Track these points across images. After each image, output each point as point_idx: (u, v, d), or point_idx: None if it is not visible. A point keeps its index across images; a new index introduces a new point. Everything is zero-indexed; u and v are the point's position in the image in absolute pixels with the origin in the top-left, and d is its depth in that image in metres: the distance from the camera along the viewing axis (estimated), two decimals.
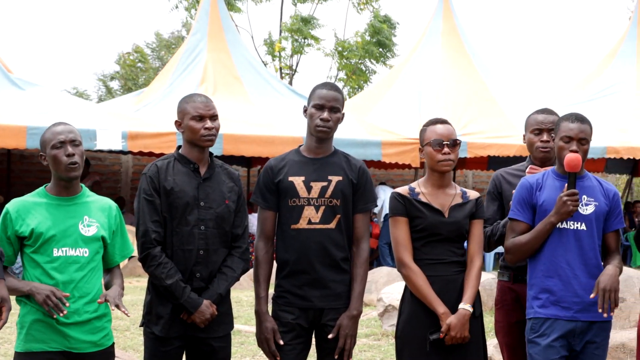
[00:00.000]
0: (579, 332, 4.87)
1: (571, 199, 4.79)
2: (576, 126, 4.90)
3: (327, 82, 5.21)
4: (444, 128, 5.04)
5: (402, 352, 4.99)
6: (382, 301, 10.55)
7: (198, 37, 17.66)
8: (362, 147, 15.45)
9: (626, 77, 19.61)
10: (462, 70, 18.73)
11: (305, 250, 5.01)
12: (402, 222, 4.99)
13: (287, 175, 5.05)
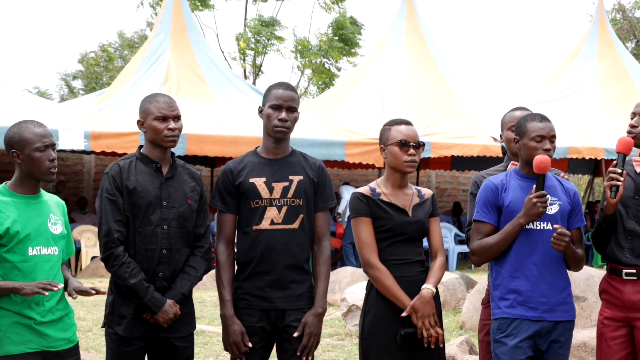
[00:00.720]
0: (545, 332, 4.89)
1: (541, 201, 4.80)
2: (546, 125, 4.93)
3: (282, 82, 5.20)
4: (409, 129, 5.05)
5: (368, 352, 4.96)
6: (346, 301, 10.56)
7: (161, 36, 17.58)
8: (326, 147, 15.47)
9: (588, 78, 19.78)
10: (425, 71, 18.80)
11: (268, 251, 5.00)
12: (366, 223, 4.98)
13: (248, 177, 5.05)
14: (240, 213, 5.09)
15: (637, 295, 5.05)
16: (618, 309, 5.13)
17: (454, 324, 10.89)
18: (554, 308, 4.89)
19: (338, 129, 16.43)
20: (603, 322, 5.19)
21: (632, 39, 38.78)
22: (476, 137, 16.73)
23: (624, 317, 5.11)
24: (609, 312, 5.17)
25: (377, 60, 19.53)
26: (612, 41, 20.72)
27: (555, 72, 21.12)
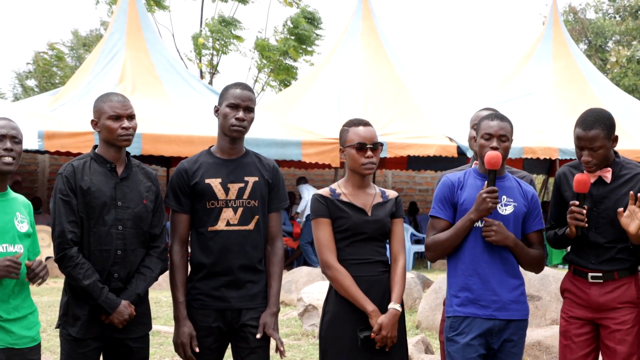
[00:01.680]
0: (497, 331, 4.92)
1: (490, 196, 4.83)
2: (496, 123, 4.96)
3: (239, 82, 5.21)
4: (367, 131, 5.04)
5: (326, 352, 4.97)
6: (302, 301, 10.56)
7: (116, 36, 17.47)
8: (282, 147, 15.46)
9: (542, 79, 19.94)
10: (381, 71, 18.85)
11: (223, 252, 5.01)
12: (325, 224, 4.98)
13: (203, 177, 5.04)
14: (194, 213, 5.08)
15: (604, 297, 5.10)
16: (583, 309, 5.17)
17: (410, 324, 10.93)
18: (506, 307, 4.92)
19: (294, 129, 16.42)
20: (568, 320, 5.23)
21: (583, 40, 39.17)
22: (432, 137, 16.80)
23: (590, 317, 5.16)
24: (574, 312, 5.21)
25: (333, 60, 19.55)
26: (566, 42, 20.90)
27: (511, 73, 21.27)
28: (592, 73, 20.66)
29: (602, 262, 5.12)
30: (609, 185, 5.13)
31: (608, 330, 5.10)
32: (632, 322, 5.08)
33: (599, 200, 5.11)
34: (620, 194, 5.07)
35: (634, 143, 18.07)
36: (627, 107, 19.86)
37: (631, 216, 4.93)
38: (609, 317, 5.09)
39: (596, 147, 4.99)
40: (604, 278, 5.11)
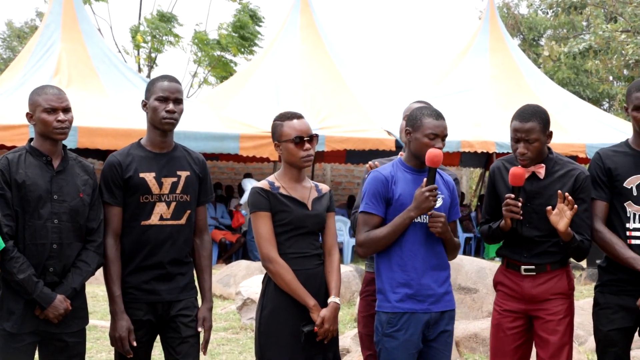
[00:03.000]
0: (433, 323, 4.97)
1: (432, 194, 4.85)
2: (440, 123, 4.96)
3: (166, 74, 5.22)
4: (302, 123, 5.06)
5: (265, 346, 4.97)
6: (241, 294, 10.56)
7: (52, 27, 17.23)
8: (220, 140, 15.39)
9: (479, 73, 20.10)
10: (320, 65, 18.86)
11: (155, 246, 5.02)
12: (266, 217, 4.97)
13: (137, 171, 5.03)
14: (126, 207, 5.06)
15: (536, 289, 5.20)
16: (517, 302, 5.26)
17: (348, 317, 10.97)
18: (439, 299, 4.98)
19: (232, 122, 16.36)
20: (501, 312, 5.31)
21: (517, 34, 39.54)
22: (370, 130, 16.85)
23: (524, 309, 5.25)
24: (507, 304, 5.29)
25: (272, 54, 19.52)
26: (503, 36, 21.08)
27: (448, 67, 21.41)
28: (527, 67, 20.87)
29: (535, 255, 5.22)
30: (542, 181, 5.22)
31: (541, 321, 5.20)
32: (564, 312, 5.20)
33: (533, 195, 5.20)
34: (554, 190, 5.15)
35: (568, 137, 18.29)
36: (561, 100, 20.11)
37: (560, 214, 5.04)
38: (541, 309, 5.19)
39: (532, 140, 5.09)
40: (536, 270, 5.21)
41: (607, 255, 5.25)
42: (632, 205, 5.17)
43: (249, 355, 8.67)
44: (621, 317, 5.16)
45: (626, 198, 5.18)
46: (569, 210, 5.01)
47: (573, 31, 34.81)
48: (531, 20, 38.82)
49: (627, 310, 5.15)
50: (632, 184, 5.18)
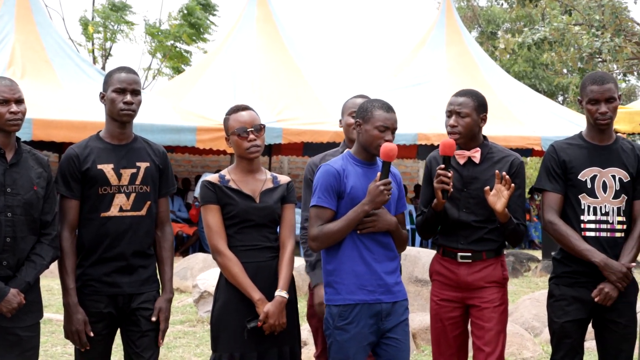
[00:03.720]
0: (385, 314, 4.98)
1: (387, 188, 4.87)
2: (391, 116, 4.97)
3: (124, 66, 5.22)
4: (247, 115, 5.08)
5: (217, 338, 4.99)
6: (198, 287, 10.53)
7: (5, 18, 17.02)
8: (177, 133, 15.30)
9: (436, 65, 20.15)
10: (277, 57, 18.82)
11: (116, 238, 5.01)
12: (214, 210, 5.00)
13: (95, 163, 5.01)
14: (85, 199, 5.03)
15: (472, 276, 5.30)
16: (453, 290, 5.36)
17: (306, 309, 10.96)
18: (390, 289, 4.99)
19: (189, 115, 16.28)
20: (439, 303, 5.40)
21: (475, 27, 39.77)
22: (327, 123, 16.84)
23: (460, 297, 5.35)
24: (444, 294, 5.39)
25: (228, 45, 19.44)
26: (459, 29, 21.16)
27: (405, 60, 21.44)
28: (484, 60, 20.97)
29: (471, 242, 5.31)
30: (478, 166, 5.34)
31: (477, 309, 5.31)
32: (498, 300, 5.32)
33: (469, 181, 5.30)
34: (489, 174, 5.26)
35: (524, 130, 18.41)
36: (517, 93, 20.23)
37: (497, 195, 5.15)
38: (477, 296, 5.30)
39: (463, 114, 5.28)
40: (472, 258, 5.31)
41: (561, 248, 5.30)
42: (586, 198, 5.22)
43: (205, 348, 8.65)
44: (576, 309, 5.22)
45: (580, 190, 5.23)
46: (506, 191, 5.13)
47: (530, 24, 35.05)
48: (489, 12, 39.06)
49: (581, 302, 5.21)
50: (587, 176, 5.23)
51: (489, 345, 5.25)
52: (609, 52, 15.14)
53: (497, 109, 18.58)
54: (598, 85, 5.17)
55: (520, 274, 15.65)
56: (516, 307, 10.41)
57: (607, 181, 5.22)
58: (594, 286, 5.14)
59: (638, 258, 5.27)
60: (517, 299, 11.18)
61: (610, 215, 5.21)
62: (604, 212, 5.21)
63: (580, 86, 5.31)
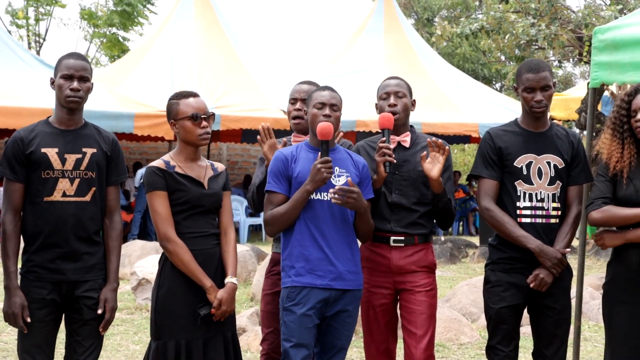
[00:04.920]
0: (333, 301, 5.03)
1: (325, 167, 4.92)
2: (327, 93, 5.12)
3: (74, 52, 5.17)
4: (199, 101, 5.07)
5: (161, 326, 4.96)
6: (136, 275, 10.48)
7: None
8: (114, 119, 15.18)
9: (374, 53, 20.21)
10: (215, 43, 18.73)
11: (59, 223, 4.95)
12: (162, 197, 4.96)
13: (40, 146, 4.96)
14: (29, 183, 4.98)
15: (404, 260, 5.37)
16: (384, 275, 5.41)
17: (244, 296, 10.99)
18: (342, 277, 5.04)
19: (127, 101, 16.16)
20: (370, 290, 5.42)
21: (412, 14, 39.91)
22: (266, 110, 16.84)
23: (391, 282, 5.41)
24: (375, 280, 5.42)
25: (166, 31, 19.31)
26: (397, 17, 21.24)
27: (343, 47, 21.48)
28: (421, 47, 21.08)
29: (404, 226, 5.38)
30: (408, 150, 5.46)
31: (409, 293, 5.38)
32: (429, 285, 5.42)
33: (400, 164, 5.39)
34: (419, 157, 5.36)
35: (462, 116, 18.56)
36: (455, 80, 20.38)
37: (433, 161, 5.26)
38: (408, 281, 5.38)
39: (401, 94, 5.48)
40: (405, 242, 5.38)
41: (497, 234, 5.35)
42: (522, 184, 5.27)
43: (144, 335, 8.61)
44: (511, 294, 5.28)
45: (516, 177, 5.28)
46: (441, 156, 5.25)
47: (466, 11, 35.26)
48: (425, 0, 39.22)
49: (517, 288, 5.27)
50: (522, 163, 5.28)
51: (420, 328, 5.32)
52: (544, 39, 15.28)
53: (435, 96, 18.72)
54: (534, 73, 5.22)
55: (458, 261, 15.82)
56: (454, 293, 10.52)
57: (542, 168, 5.28)
58: (529, 272, 5.20)
59: (572, 244, 5.34)
60: (454, 285, 11.29)
61: (546, 201, 5.27)
62: (540, 198, 5.27)
63: (516, 74, 5.37)
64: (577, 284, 6.72)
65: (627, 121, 5.12)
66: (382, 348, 5.50)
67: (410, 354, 5.33)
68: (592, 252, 14.82)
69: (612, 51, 6.37)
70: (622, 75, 6.34)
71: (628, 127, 5.12)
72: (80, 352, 5.03)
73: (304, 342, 4.97)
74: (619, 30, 6.38)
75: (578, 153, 5.38)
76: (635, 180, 5.09)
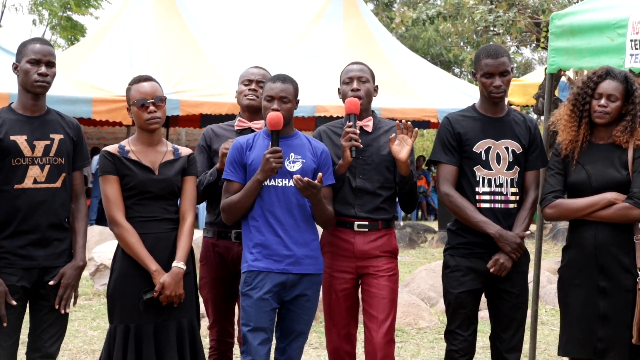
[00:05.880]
0: (290, 285, 5.06)
1: (274, 156, 4.96)
2: (277, 85, 5.12)
3: (38, 37, 5.16)
4: (148, 86, 5.08)
5: (113, 310, 4.99)
6: (94, 260, 10.45)
7: None
8: (72, 104, 15.01)
9: (333, 38, 20.19)
10: (173, 28, 18.62)
11: (31, 210, 4.94)
12: (112, 181, 4.98)
13: (8, 134, 4.93)
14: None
15: (368, 245, 5.39)
16: (347, 260, 5.43)
17: None
18: (299, 261, 5.08)
19: (84, 86, 16.03)
20: (332, 274, 5.44)
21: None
22: (225, 95, 16.75)
23: (354, 267, 5.43)
24: (337, 264, 5.44)
25: (124, 16, 19.15)
26: (357, 2, 21.22)
27: (303, 32, 21.41)
28: (381, 33, 21.08)
29: (368, 211, 5.40)
30: (371, 134, 5.48)
31: (371, 277, 5.42)
32: (392, 270, 5.46)
33: (364, 148, 5.38)
34: (382, 142, 5.42)
35: (420, 102, 18.60)
36: (414, 66, 20.41)
37: (401, 143, 5.28)
38: (371, 265, 5.41)
39: (364, 79, 5.46)
40: (369, 227, 5.40)
41: (457, 219, 5.38)
42: (481, 170, 5.31)
43: (102, 321, 8.59)
44: (471, 279, 5.32)
45: (475, 162, 5.31)
46: (409, 138, 5.27)
47: None
48: None
49: (476, 273, 5.31)
50: (481, 148, 5.31)
51: (382, 312, 5.35)
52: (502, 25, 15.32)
53: (394, 81, 18.73)
54: (492, 59, 5.25)
55: (417, 245, 15.91)
56: (412, 277, 10.58)
57: (500, 153, 5.31)
58: (488, 257, 5.24)
59: (530, 228, 5.39)
60: (413, 269, 11.36)
61: (504, 186, 5.31)
62: (498, 183, 5.30)
63: (474, 59, 5.39)
64: (534, 268, 6.79)
65: (589, 101, 5.17)
66: (343, 333, 5.51)
67: (370, 337, 5.37)
68: (550, 237, 14.96)
69: (569, 37, 6.41)
70: (578, 60, 6.39)
71: (588, 107, 5.17)
72: (46, 338, 5.02)
73: (262, 326, 5.01)
74: (576, 16, 6.42)
75: (535, 138, 5.43)
76: (587, 166, 5.16)
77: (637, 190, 5.05)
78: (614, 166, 5.15)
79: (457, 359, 5.35)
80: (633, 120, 5.12)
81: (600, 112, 5.12)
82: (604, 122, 5.16)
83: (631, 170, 5.11)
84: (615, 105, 5.12)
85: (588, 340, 5.13)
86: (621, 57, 6.02)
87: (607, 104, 5.11)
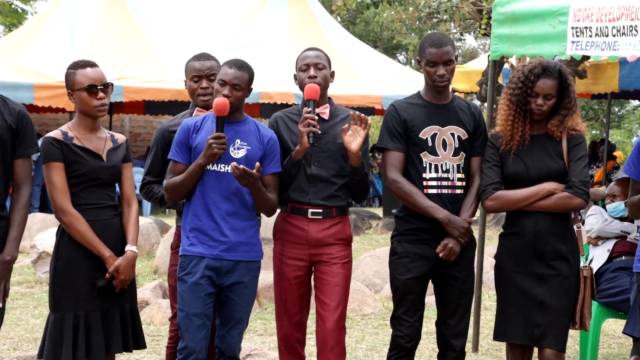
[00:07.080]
0: (226, 271, 5.07)
1: (216, 142, 4.94)
2: (232, 72, 5.10)
3: None
4: (96, 72, 5.00)
5: (59, 298, 4.92)
6: (36, 248, 10.35)
7: None
8: (13, 90, 14.83)
9: (278, 24, 20.15)
10: (116, 14, 18.47)
11: None
12: (59, 168, 4.90)
13: None
14: None
15: (322, 233, 5.38)
16: (300, 247, 5.42)
17: (147, 269, 10.93)
18: (234, 248, 5.08)
19: (26, 71, 15.84)
20: (285, 261, 5.45)
21: None
22: (169, 81, 16.68)
23: (307, 254, 5.42)
24: (290, 252, 5.43)
25: (66, 1, 18.94)
26: None
27: (247, 18, 21.32)
28: (326, 20, 21.08)
29: (322, 198, 5.39)
30: (327, 122, 5.45)
31: (324, 264, 5.42)
32: (346, 257, 5.46)
33: (320, 136, 5.35)
34: (338, 130, 5.37)
35: (365, 89, 18.63)
36: (358, 52, 20.45)
37: (354, 135, 5.26)
38: (325, 253, 5.40)
39: (321, 65, 5.44)
40: (323, 215, 5.39)
41: (404, 205, 5.40)
42: (427, 156, 5.33)
43: (44, 309, 8.50)
44: (418, 265, 5.34)
45: (422, 149, 5.34)
46: (362, 130, 5.25)
47: None
48: None
49: (424, 259, 5.33)
50: (427, 134, 5.34)
51: (334, 300, 5.36)
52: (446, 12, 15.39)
53: (339, 68, 18.61)
54: (436, 48, 5.26)
55: (361, 232, 15.93)
56: (357, 264, 10.60)
57: (446, 139, 5.34)
58: (436, 242, 5.27)
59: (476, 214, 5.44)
60: (358, 256, 11.38)
61: (451, 172, 5.34)
62: (445, 169, 5.33)
63: (418, 47, 5.41)
64: (478, 254, 6.85)
65: (527, 98, 5.22)
66: (295, 320, 5.50)
67: (322, 324, 5.37)
68: (493, 223, 15.07)
69: (512, 24, 6.47)
70: (521, 47, 6.46)
71: (527, 104, 5.23)
72: None
73: (197, 312, 5.02)
74: (518, 3, 6.48)
75: (480, 125, 5.47)
76: (524, 157, 5.23)
77: (575, 179, 5.16)
78: (550, 156, 5.24)
79: (402, 344, 5.37)
80: (567, 114, 5.22)
81: (537, 110, 5.20)
82: (540, 118, 5.26)
83: (567, 160, 5.21)
84: (551, 103, 5.22)
85: (526, 327, 5.21)
86: (562, 44, 6.09)
87: (544, 103, 5.20)
